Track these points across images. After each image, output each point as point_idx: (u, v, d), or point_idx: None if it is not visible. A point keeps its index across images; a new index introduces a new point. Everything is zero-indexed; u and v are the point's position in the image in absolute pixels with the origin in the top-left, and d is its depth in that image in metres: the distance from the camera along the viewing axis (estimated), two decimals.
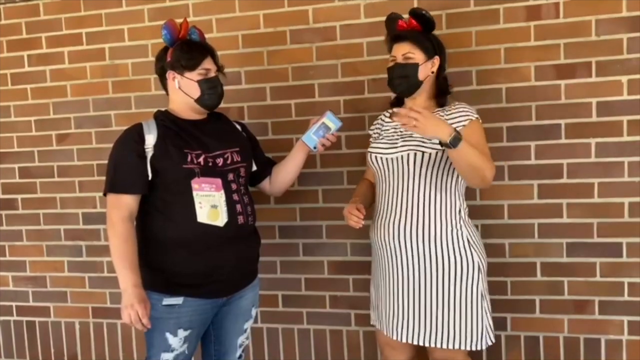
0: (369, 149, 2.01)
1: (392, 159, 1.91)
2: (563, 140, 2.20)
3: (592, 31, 2.14)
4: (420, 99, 1.95)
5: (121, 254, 1.77)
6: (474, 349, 1.90)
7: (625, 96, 2.14)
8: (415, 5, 2.25)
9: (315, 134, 1.97)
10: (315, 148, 1.98)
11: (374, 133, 2.08)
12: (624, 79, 2.13)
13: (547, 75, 2.19)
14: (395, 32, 1.96)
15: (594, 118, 2.17)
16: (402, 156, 1.89)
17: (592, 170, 2.19)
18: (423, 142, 1.86)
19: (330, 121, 1.96)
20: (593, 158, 2.19)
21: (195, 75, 1.86)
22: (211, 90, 1.89)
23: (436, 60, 1.93)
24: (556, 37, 2.17)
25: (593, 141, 2.18)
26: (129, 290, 1.74)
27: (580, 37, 2.15)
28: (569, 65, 2.17)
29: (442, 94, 1.96)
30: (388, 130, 2.00)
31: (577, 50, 2.16)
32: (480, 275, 1.89)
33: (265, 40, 2.43)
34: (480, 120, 1.91)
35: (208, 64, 1.89)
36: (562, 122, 2.20)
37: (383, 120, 2.07)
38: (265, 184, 2.12)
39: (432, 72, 1.94)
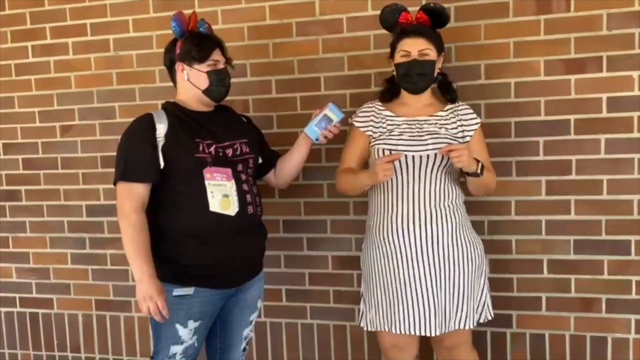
0: (385, 146, 1.91)
1: (421, 155, 1.88)
2: (572, 136, 2.18)
3: (603, 25, 2.11)
4: (425, 96, 1.97)
5: (135, 245, 1.76)
6: (482, 320, 2.00)
7: (636, 92, 2.11)
8: None
9: (318, 126, 1.96)
10: (317, 140, 1.98)
11: (367, 127, 1.99)
12: (635, 74, 2.10)
13: (557, 70, 2.16)
14: (397, 25, 1.94)
15: (604, 114, 2.14)
16: (435, 153, 1.88)
17: (601, 166, 2.16)
18: (451, 140, 1.90)
19: (333, 113, 1.95)
20: (602, 154, 2.16)
21: (204, 66, 1.88)
22: (219, 82, 1.90)
23: (442, 57, 1.95)
24: (566, 32, 2.14)
25: (602, 137, 2.15)
26: (146, 281, 1.74)
27: (590, 32, 2.12)
28: (579, 60, 2.14)
29: (449, 90, 1.99)
30: (400, 125, 1.94)
31: (587, 44, 2.13)
32: (485, 257, 2.02)
33: (270, 33, 2.41)
34: None
35: (217, 55, 1.90)
36: (572, 117, 2.17)
37: (379, 114, 1.99)
38: (270, 176, 2.13)
39: (439, 70, 1.95)
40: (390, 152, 1.89)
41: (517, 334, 2.32)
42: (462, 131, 1.95)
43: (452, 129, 1.94)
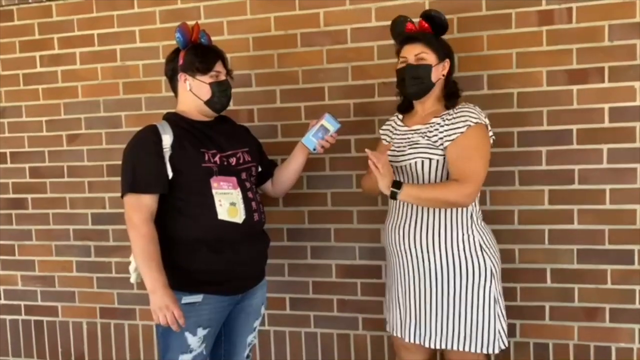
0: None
1: (401, 166, 1.92)
2: (574, 146, 2.19)
3: (604, 36, 2.13)
4: (429, 102, 1.95)
5: (147, 256, 1.77)
6: (484, 352, 1.89)
7: (638, 102, 2.12)
8: (427, 8, 2.25)
9: (314, 136, 1.99)
10: (314, 150, 2.01)
11: (384, 138, 2.07)
12: (637, 84, 2.12)
13: (559, 81, 2.18)
14: (404, 34, 1.95)
15: (606, 124, 2.16)
16: (410, 164, 1.90)
17: (604, 176, 2.17)
18: (429, 149, 1.87)
19: (329, 123, 1.98)
20: (605, 164, 2.17)
21: (207, 78, 1.90)
22: (221, 93, 1.92)
23: (447, 63, 1.93)
24: (568, 42, 2.16)
25: (605, 147, 2.16)
26: (160, 291, 1.75)
27: (592, 43, 2.14)
28: (581, 70, 2.16)
29: (451, 97, 1.93)
30: (398, 135, 1.99)
31: (589, 55, 2.14)
32: (492, 279, 1.88)
33: (275, 43, 2.43)
34: (487, 125, 1.87)
35: (219, 67, 1.93)
36: (574, 127, 2.18)
37: (395, 125, 2.05)
38: (268, 186, 2.16)
39: (443, 76, 1.93)
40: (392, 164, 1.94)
41: (520, 343, 2.32)
42: (443, 137, 1.85)
43: (433, 136, 1.87)
